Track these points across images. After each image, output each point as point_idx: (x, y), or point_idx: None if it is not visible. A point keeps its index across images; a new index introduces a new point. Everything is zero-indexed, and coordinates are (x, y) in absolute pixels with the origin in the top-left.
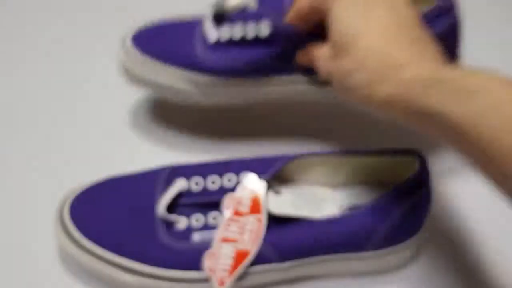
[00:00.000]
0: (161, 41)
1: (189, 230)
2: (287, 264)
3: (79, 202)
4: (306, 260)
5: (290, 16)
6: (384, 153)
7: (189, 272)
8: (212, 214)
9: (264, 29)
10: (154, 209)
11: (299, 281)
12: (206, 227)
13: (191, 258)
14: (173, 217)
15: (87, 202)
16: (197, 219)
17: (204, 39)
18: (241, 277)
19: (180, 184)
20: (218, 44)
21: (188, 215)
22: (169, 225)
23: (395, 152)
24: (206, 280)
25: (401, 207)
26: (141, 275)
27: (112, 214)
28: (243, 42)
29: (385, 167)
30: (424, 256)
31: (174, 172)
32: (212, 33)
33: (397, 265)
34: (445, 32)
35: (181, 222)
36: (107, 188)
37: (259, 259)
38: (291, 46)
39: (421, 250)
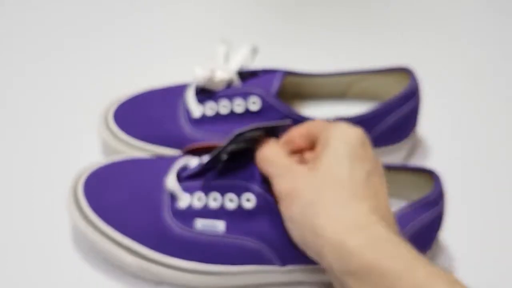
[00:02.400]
0: (144, 119)
1: (190, 210)
2: (288, 267)
3: (94, 179)
4: (308, 266)
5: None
6: (398, 169)
7: (189, 262)
8: (213, 195)
9: (253, 104)
10: (163, 186)
11: (299, 285)
12: (206, 208)
13: (191, 248)
14: (177, 188)
15: (101, 180)
16: (198, 198)
17: (187, 114)
18: (240, 275)
19: (191, 159)
20: (203, 119)
21: (191, 192)
22: (174, 204)
23: (409, 169)
24: (205, 272)
25: (413, 224)
26: (141, 257)
27: (123, 192)
28: (228, 116)
29: (397, 184)
30: None
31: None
32: (196, 108)
33: None
34: (411, 110)
35: (184, 199)
36: (122, 167)
37: (259, 259)
38: (280, 119)
39: None
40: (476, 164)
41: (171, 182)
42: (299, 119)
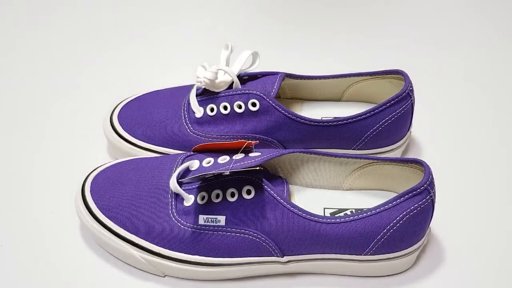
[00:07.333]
0: (148, 120)
1: (195, 209)
2: (286, 258)
3: (100, 180)
4: (306, 256)
5: None
6: (390, 162)
7: (193, 256)
8: (215, 192)
9: (252, 105)
10: (167, 186)
11: (298, 276)
12: (209, 204)
13: (195, 243)
14: (182, 191)
15: (107, 180)
16: (202, 197)
17: (189, 115)
18: (241, 267)
19: (193, 162)
20: (204, 119)
21: (195, 194)
22: (179, 203)
23: (400, 162)
24: (209, 264)
25: (405, 214)
26: (148, 252)
27: (128, 191)
28: (229, 116)
29: (390, 178)
30: (422, 264)
31: (190, 155)
32: (198, 109)
33: (396, 271)
34: (405, 111)
35: (189, 200)
36: (128, 166)
37: (259, 251)
38: (278, 120)
39: (420, 258)
40: (469, 162)
41: (174, 185)
42: (297, 120)
